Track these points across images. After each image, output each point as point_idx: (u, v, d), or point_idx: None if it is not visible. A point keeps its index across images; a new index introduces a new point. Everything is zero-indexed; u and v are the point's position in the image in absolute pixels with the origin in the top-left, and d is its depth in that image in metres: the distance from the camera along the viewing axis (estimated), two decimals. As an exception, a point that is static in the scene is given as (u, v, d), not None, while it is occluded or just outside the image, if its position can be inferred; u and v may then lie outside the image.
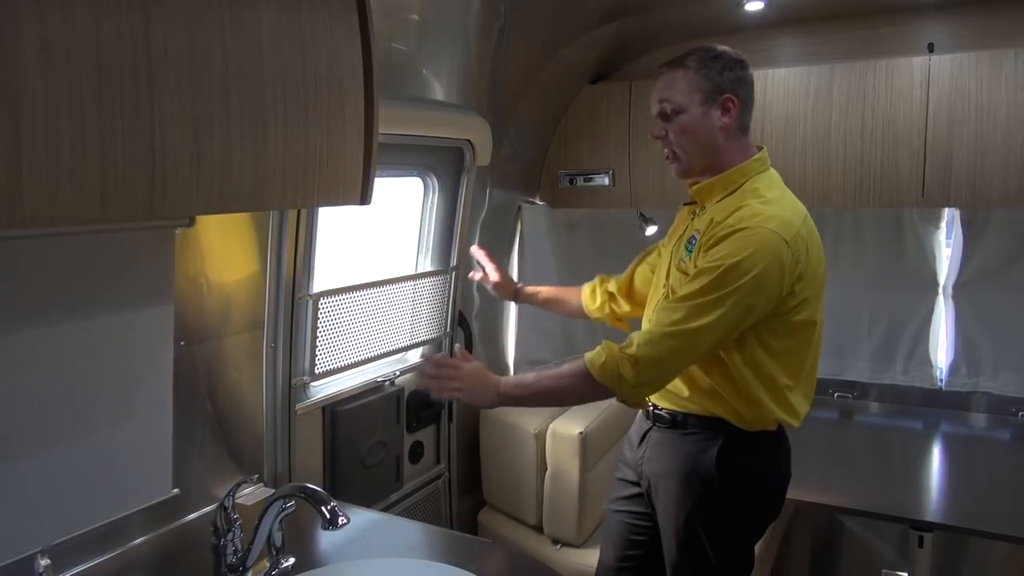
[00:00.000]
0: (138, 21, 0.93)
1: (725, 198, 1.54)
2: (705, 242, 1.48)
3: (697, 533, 1.58)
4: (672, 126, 1.54)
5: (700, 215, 1.59)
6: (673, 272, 1.58)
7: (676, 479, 1.59)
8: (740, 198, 1.51)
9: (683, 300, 1.43)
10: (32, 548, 1.21)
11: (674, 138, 1.54)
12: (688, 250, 1.54)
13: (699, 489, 1.56)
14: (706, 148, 1.54)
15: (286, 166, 1.18)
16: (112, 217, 0.94)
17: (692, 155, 1.55)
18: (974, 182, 2.26)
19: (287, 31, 1.15)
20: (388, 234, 2.33)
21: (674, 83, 1.53)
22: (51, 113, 0.85)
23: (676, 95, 1.53)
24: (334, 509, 1.21)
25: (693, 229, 1.57)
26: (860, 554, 2.73)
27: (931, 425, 2.61)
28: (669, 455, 1.62)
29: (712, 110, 1.52)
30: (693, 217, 1.62)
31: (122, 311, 1.38)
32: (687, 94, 1.52)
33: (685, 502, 1.58)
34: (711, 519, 1.57)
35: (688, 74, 1.52)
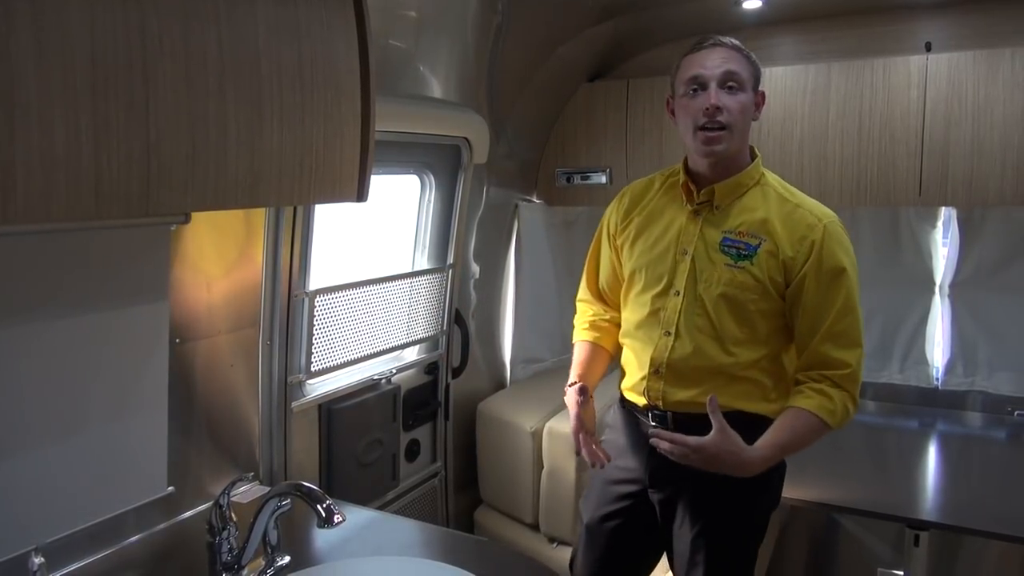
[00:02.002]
0: (133, 16, 0.92)
1: (744, 195, 1.54)
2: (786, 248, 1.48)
3: (739, 531, 1.58)
4: (734, 102, 1.47)
5: (717, 214, 1.54)
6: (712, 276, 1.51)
7: (712, 478, 1.50)
8: (764, 192, 1.54)
9: (848, 313, 1.48)
10: (26, 546, 1.20)
11: (734, 114, 1.47)
12: (740, 255, 1.50)
13: (740, 486, 1.52)
14: (745, 135, 1.53)
15: (282, 163, 1.17)
16: (107, 213, 0.94)
17: (737, 137, 1.50)
18: (971, 181, 2.26)
19: (283, 27, 1.15)
20: (385, 232, 2.33)
21: (738, 61, 1.50)
22: (45, 108, 0.84)
23: (742, 72, 1.49)
24: (329, 507, 1.21)
25: (723, 231, 1.52)
26: (856, 553, 2.73)
27: (927, 424, 2.61)
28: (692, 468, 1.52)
29: (755, 100, 1.53)
30: (700, 217, 1.55)
31: (117, 308, 1.38)
32: (748, 76, 1.50)
33: (730, 501, 1.54)
34: (749, 516, 1.58)
35: (743, 58, 1.51)
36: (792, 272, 1.49)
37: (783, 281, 1.49)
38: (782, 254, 1.48)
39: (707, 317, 1.52)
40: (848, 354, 1.48)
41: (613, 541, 1.67)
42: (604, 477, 1.69)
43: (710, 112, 1.46)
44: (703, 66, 1.49)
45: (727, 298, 1.50)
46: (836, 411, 1.47)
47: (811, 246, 1.48)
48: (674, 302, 1.54)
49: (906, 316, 2.69)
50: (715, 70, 1.47)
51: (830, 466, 2.25)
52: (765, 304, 1.50)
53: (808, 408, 1.46)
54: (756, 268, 1.49)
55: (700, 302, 1.52)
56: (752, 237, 1.50)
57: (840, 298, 1.48)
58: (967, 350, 2.60)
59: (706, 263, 1.52)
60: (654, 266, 1.58)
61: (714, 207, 1.54)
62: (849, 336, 1.49)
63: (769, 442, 1.45)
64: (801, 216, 1.51)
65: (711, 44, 1.51)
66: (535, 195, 3.00)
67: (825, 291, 1.48)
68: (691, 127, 1.50)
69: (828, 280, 1.48)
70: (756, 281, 1.48)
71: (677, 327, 1.54)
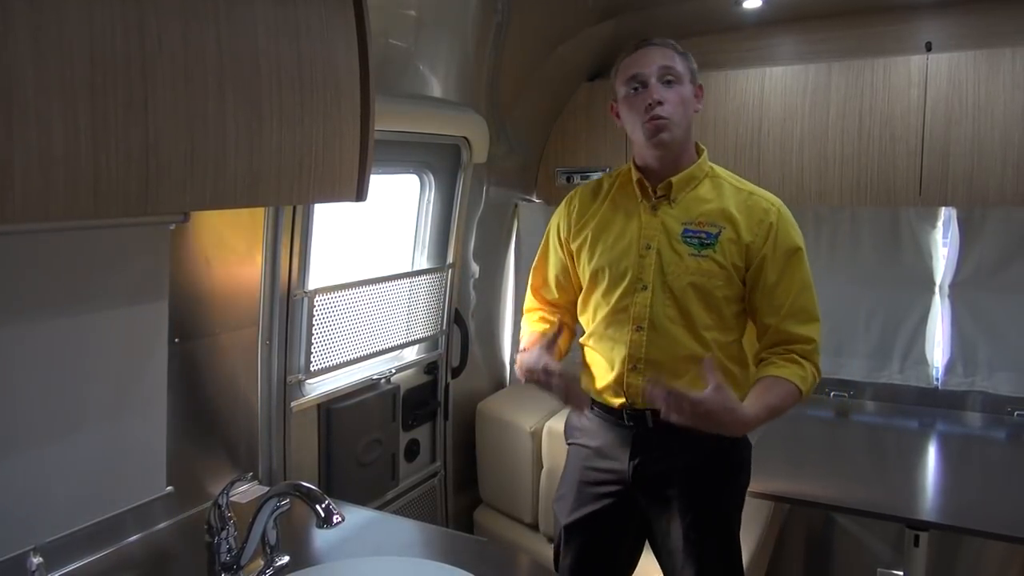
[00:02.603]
0: (132, 14, 0.92)
1: (697, 187, 1.61)
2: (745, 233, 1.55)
3: (728, 515, 1.63)
4: (672, 94, 1.55)
5: (673, 207, 1.59)
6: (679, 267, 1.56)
7: (698, 468, 1.58)
8: (716, 183, 1.61)
9: (805, 290, 1.56)
10: (25, 546, 1.20)
11: (674, 106, 1.54)
12: (703, 244, 1.56)
13: (724, 470, 1.62)
14: (688, 127, 1.60)
15: (281, 162, 1.17)
16: (105, 212, 0.93)
17: (680, 127, 1.56)
18: (971, 181, 2.26)
19: (283, 26, 1.14)
20: (384, 231, 2.32)
21: (671, 58, 1.57)
22: (43, 107, 0.84)
23: (677, 67, 1.56)
24: (329, 507, 1.21)
25: (682, 222, 1.58)
26: (855, 553, 2.73)
27: (927, 424, 2.61)
28: (684, 448, 1.58)
29: (694, 93, 1.60)
30: (658, 211, 1.60)
31: (116, 307, 1.38)
32: (684, 70, 1.57)
33: (714, 487, 1.60)
34: (734, 497, 1.65)
35: (677, 55, 1.59)
36: (752, 256, 1.56)
37: (744, 266, 1.56)
38: (742, 240, 1.55)
39: (677, 307, 1.57)
40: (810, 328, 1.56)
41: (593, 540, 1.69)
42: (580, 479, 1.70)
43: (652, 105, 1.53)
44: (641, 64, 1.56)
45: (695, 287, 1.56)
46: (807, 379, 1.52)
47: (768, 228, 1.56)
48: (642, 296, 1.58)
49: (906, 316, 2.69)
50: (652, 66, 1.55)
51: (830, 466, 2.24)
52: (729, 290, 1.56)
53: (785, 376, 1.51)
54: (719, 255, 1.55)
55: (669, 293, 1.57)
56: (711, 226, 1.57)
57: (798, 276, 1.56)
58: (967, 350, 2.60)
59: (671, 255, 1.57)
60: (617, 263, 1.61)
61: (671, 200, 1.60)
62: (808, 311, 1.56)
63: (760, 404, 1.49)
64: (756, 202, 1.59)
65: (646, 45, 1.59)
66: (535, 195, 2.99)
67: (783, 270, 1.55)
68: (637, 122, 1.57)
69: (784, 260, 1.55)
70: (720, 268, 1.55)
71: (649, 320, 1.58)
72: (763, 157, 2.49)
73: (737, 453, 1.65)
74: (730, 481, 1.64)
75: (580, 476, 1.70)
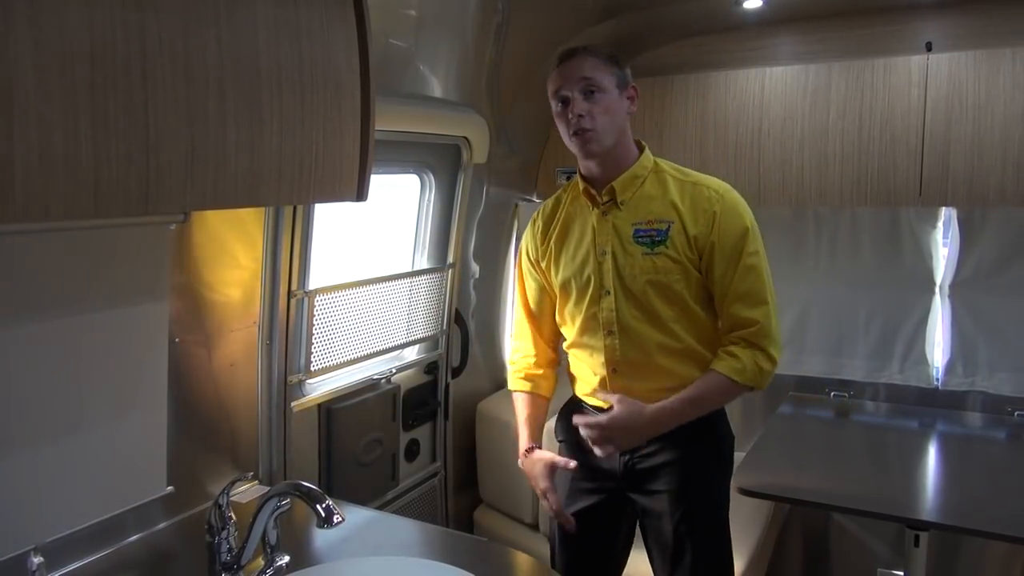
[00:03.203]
0: (132, 15, 0.92)
1: (642, 185, 1.62)
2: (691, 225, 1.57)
3: (716, 506, 1.66)
4: (595, 105, 1.56)
5: (623, 209, 1.61)
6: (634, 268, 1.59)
7: (687, 462, 1.62)
8: (660, 178, 1.63)
9: (750, 272, 1.56)
10: (25, 546, 1.20)
11: (597, 116, 1.56)
12: (654, 241, 1.58)
13: (712, 462, 1.67)
14: (619, 131, 1.61)
15: (282, 162, 1.17)
16: (105, 212, 0.93)
17: (608, 135, 1.58)
18: (971, 181, 2.26)
19: (283, 26, 1.14)
20: (384, 231, 2.33)
21: (593, 67, 1.58)
22: (44, 107, 0.84)
23: (598, 76, 1.57)
24: (329, 507, 1.21)
25: (632, 223, 1.60)
26: (856, 553, 2.73)
27: (927, 424, 2.61)
28: (673, 443, 1.62)
29: (623, 97, 1.61)
30: (608, 216, 1.62)
31: (116, 307, 1.38)
32: (607, 77, 1.58)
33: (701, 479, 1.63)
34: (722, 488, 1.68)
35: (599, 62, 1.59)
36: (701, 245, 1.58)
37: (696, 256, 1.58)
38: (689, 232, 1.57)
39: (639, 307, 1.60)
40: (755, 311, 1.57)
41: (587, 535, 1.73)
42: (572, 477, 1.73)
43: (574, 122, 1.56)
44: (563, 79, 1.58)
45: (653, 284, 1.58)
46: (746, 369, 1.55)
47: (712, 217, 1.57)
48: (608, 301, 1.62)
49: (906, 316, 2.69)
50: (571, 82, 1.57)
51: (830, 466, 2.24)
52: (687, 282, 1.58)
53: (716, 369, 1.56)
54: (671, 250, 1.57)
55: (630, 294, 1.60)
56: (660, 223, 1.59)
57: (744, 260, 1.57)
58: (967, 350, 2.60)
59: (625, 257, 1.60)
60: (579, 273, 1.65)
61: (618, 203, 1.62)
62: (755, 294, 1.57)
63: (678, 397, 1.56)
64: (699, 192, 1.60)
65: (566, 57, 1.60)
66: (535, 195, 2.99)
67: (730, 255, 1.57)
68: (567, 135, 1.60)
69: (731, 245, 1.57)
70: (675, 262, 1.57)
71: (618, 323, 1.61)
72: (763, 157, 2.49)
73: (723, 442, 1.70)
74: (718, 473, 1.69)
75: (572, 473, 1.72)
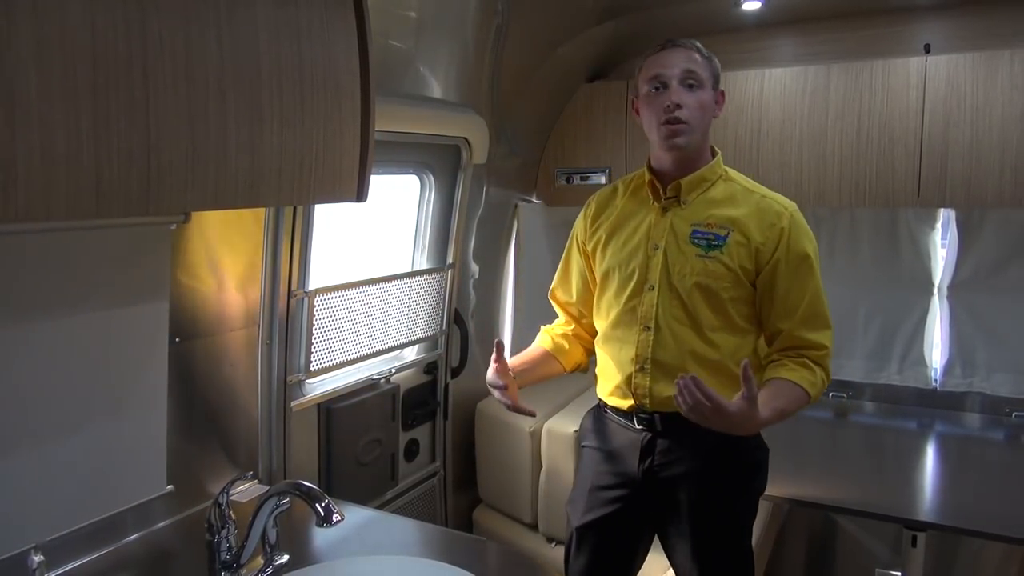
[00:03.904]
0: (134, 15, 0.93)
1: (709, 189, 1.60)
2: (755, 236, 1.55)
3: (741, 516, 1.64)
4: (692, 99, 1.54)
5: (685, 208, 1.59)
6: (684, 267, 1.56)
7: (710, 471, 1.58)
8: (728, 186, 1.61)
9: (818, 295, 1.56)
10: (25, 544, 1.21)
11: (693, 110, 1.54)
12: (711, 245, 1.55)
13: (736, 473, 1.62)
14: (706, 131, 1.59)
15: (282, 162, 1.17)
16: (107, 212, 0.94)
17: (697, 132, 1.56)
18: (969, 183, 2.27)
19: (284, 27, 1.15)
20: (384, 232, 2.33)
21: (696, 61, 1.56)
22: (45, 107, 0.85)
23: (700, 71, 1.55)
24: (328, 506, 1.21)
25: (692, 224, 1.58)
26: (854, 553, 2.74)
27: (925, 425, 2.62)
28: (695, 451, 1.58)
29: (715, 98, 1.59)
30: (668, 212, 1.60)
31: (117, 307, 1.38)
32: (707, 74, 1.56)
33: (724, 491, 1.60)
34: (747, 500, 1.65)
35: (703, 59, 1.57)
36: (763, 259, 1.55)
37: (753, 269, 1.55)
38: (753, 243, 1.55)
39: (683, 308, 1.57)
40: (823, 336, 1.56)
41: (604, 543, 1.69)
42: (592, 482, 1.70)
43: (671, 108, 1.53)
44: (664, 65, 1.55)
45: (701, 287, 1.55)
46: (817, 384, 1.53)
47: (780, 233, 1.55)
48: (649, 296, 1.59)
49: (905, 317, 2.69)
50: (675, 68, 1.54)
51: (829, 466, 2.25)
52: (736, 292, 1.55)
53: (795, 380, 1.52)
54: (727, 257, 1.54)
55: (675, 293, 1.57)
56: (721, 228, 1.57)
57: (810, 282, 1.56)
58: (965, 351, 2.61)
59: (677, 255, 1.57)
60: (626, 264, 1.63)
61: (681, 202, 1.60)
62: (822, 318, 1.57)
63: (771, 407, 1.48)
64: (768, 205, 1.58)
65: (672, 45, 1.58)
66: (534, 195, 3.00)
67: (794, 276, 1.55)
68: (655, 123, 1.57)
69: (797, 265, 1.55)
70: (727, 270, 1.54)
71: (656, 320, 1.58)
72: (762, 158, 2.49)
73: (750, 455, 1.64)
74: (742, 484, 1.63)
75: (593, 480, 1.70)
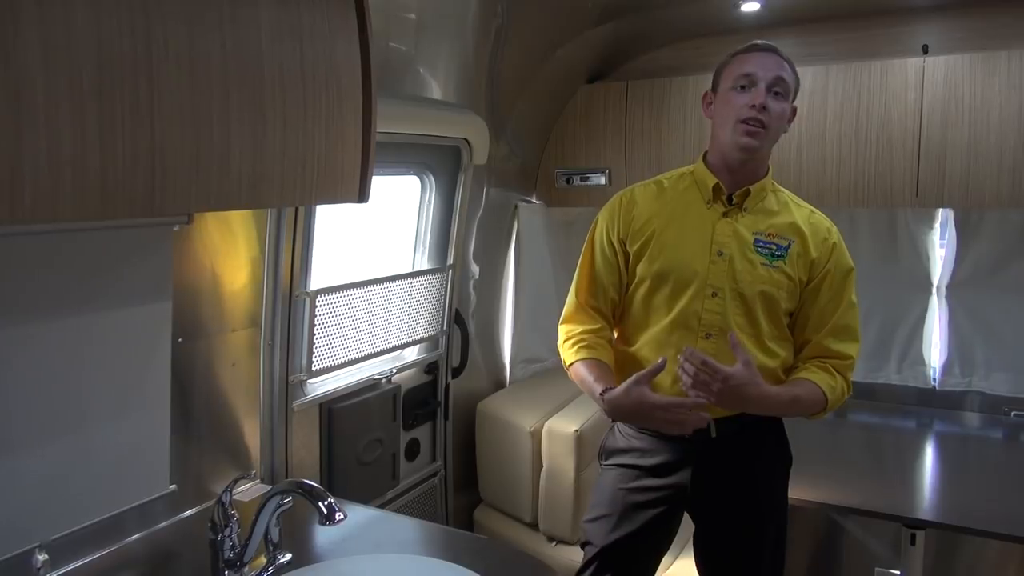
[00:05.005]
0: (138, 19, 0.93)
1: (765, 200, 1.61)
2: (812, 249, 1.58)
3: (780, 510, 1.67)
4: (777, 106, 1.53)
5: (744, 215, 1.58)
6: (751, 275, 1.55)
7: (756, 467, 1.62)
8: (779, 198, 1.64)
9: (852, 308, 1.60)
10: (30, 543, 1.22)
11: (775, 118, 1.53)
12: (774, 255, 1.56)
13: (777, 463, 1.66)
14: (775, 141, 1.59)
15: (284, 164, 1.18)
16: (112, 213, 0.95)
17: (771, 140, 1.56)
18: (967, 183, 2.28)
19: (286, 29, 1.16)
20: (385, 232, 2.34)
21: (785, 70, 1.55)
22: (51, 110, 0.85)
23: (788, 81, 1.55)
24: (331, 505, 1.22)
25: (753, 232, 1.57)
26: (853, 552, 2.74)
27: (924, 424, 2.62)
28: (745, 452, 1.60)
29: (791, 113, 1.60)
30: (727, 215, 1.58)
31: (120, 307, 1.39)
32: (792, 86, 1.57)
33: (767, 482, 1.64)
34: (784, 486, 1.69)
35: (791, 71, 1.57)
36: (816, 272, 1.58)
37: (807, 280, 1.58)
38: (810, 255, 1.57)
39: (747, 316, 1.55)
40: (850, 347, 1.59)
41: (636, 560, 1.65)
42: (627, 501, 1.63)
43: (756, 108, 1.50)
44: (757, 66, 1.53)
45: (765, 296, 1.55)
46: (836, 389, 1.55)
47: (832, 248, 1.60)
48: (713, 303, 1.55)
49: (903, 317, 2.70)
50: (768, 73, 1.53)
51: (828, 466, 2.26)
52: (789, 303, 1.58)
53: (815, 381, 1.54)
54: (789, 267, 1.56)
55: (741, 300, 1.55)
56: (782, 238, 1.58)
57: (848, 296, 1.60)
58: (964, 351, 2.62)
59: (744, 263, 1.56)
60: (684, 266, 1.57)
61: (743, 209, 1.59)
62: (852, 330, 1.60)
63: (784, 389, 1.53)
64: (818, 221, 1.63)
65: (766, 48, 1.56)
66: (535, 196, 3.01)
67: (838, 289, 1.59)
68: (731, 120, 1.53)
69: (842, 279, 1.59)
70: (788, 279, 1.56)
71: (720, 328, 1.54)
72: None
73: (786, 447, 1.69)
74: (779, 474, 1.68)
75: (626, 499, 1.63)
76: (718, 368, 1.41)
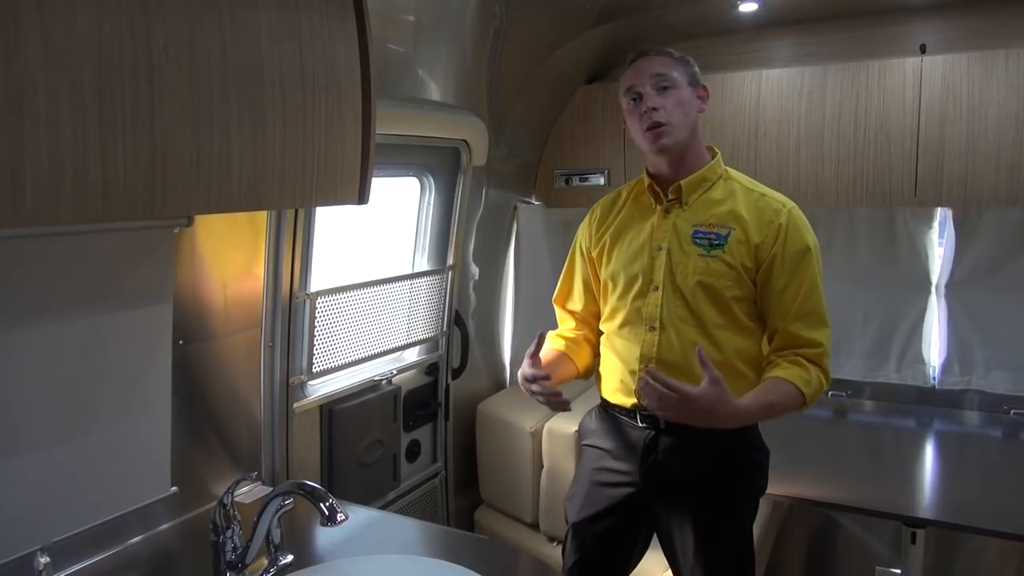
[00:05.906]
0: (139, 21, 0.94)
1: (709, 189, 1.63)
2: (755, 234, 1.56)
3: (741, 518, 1.64)
4: (668, 100, 1.57)
5: (686, 210, 1.62)
6: (687, 267, 1.58)
7: (712, 470, 1.59)
8: (728, 186, 1.63)
9: (813, 292, 1.56)
10: (32, 546, 1.22)
11: (670, 110, 1.57)
12: (712, 244, 1.58)
13: (738, 473, 1.62)
14: (691, 128, 1.62)
15: (284, 166, 1.18)
16: (113, 216, 0.95)
17: (681, 130, 1.59)
18: (966, 182, 2.28)
19: (286, 32, 1.16)
20: (385, 234, 2.34)
21: (664, 63, 1.60)
22: (53, 112, 0.86)
23: (669, 71, 1.59)
24: (332, 506, 1.22)
25: (693, 224, 1.60)
26: (854, 551, 2.75)
27: (924, 423, 2.63)
28: (696, 450, 1.59)
29: (694, 95, 1.62)
30: (670, 214, 1.62)
31: (121, 310, 1.39)
32: (678, 73, 1.60)
33: (725, 491, 1.61)
34: (748, 500, 1.66)
35: (670, 60, 1.62)
36: (762, 256, 1.57)
37: (754, 267, 1.57)
38: (751, 240, 1.57)
39: (687, 307, 1.58)
40: (818, 333, 1.56)
41: (602, 540, 1.70)
42: (592, 479, 1.72)
43: (648, 113, 1.57)
44: (635, 77, 1.60)
45: (703, 286, 1.57)
46: (812, 383, 1.53)
47: (778, 230, 1.57)
48: (654, 297, 1.61)
49: (903, 316, 2.70)
50: (644, 76, 1.59)
51: (828, 465, 2.26)
52: (739, 290, 1.57)
53: (786, 377, 1.52)
54: (728, 256, 1.57)
55: (679, 293, 1.59)
56: (721, 227, 1.59)
57: (807, 279, 1.56)
58: (963, 349, 2.62)
59: (680, 255, 1.60)
60: (630, 266, 1.65)
61: (682, 203, 1.63)
62: (817, 315, 1.57)
63: (755, 399, 1.50)
64: (766, 203, 1.60)
65: (641, 56, 1.63)
66: (534, 196, 3.01)
67: (792, 272, 1.56)
68: (639, 132, 1.60)
69: (794, 262, 1.56)
70: (729, 268, 1.56)
71: (660, 320, 1.60)
72: (760, 159, 2.51)
73: (751, 456, 1.65)
74: (743, 484, 1.64)
75: (592, 477, 1.72)
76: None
